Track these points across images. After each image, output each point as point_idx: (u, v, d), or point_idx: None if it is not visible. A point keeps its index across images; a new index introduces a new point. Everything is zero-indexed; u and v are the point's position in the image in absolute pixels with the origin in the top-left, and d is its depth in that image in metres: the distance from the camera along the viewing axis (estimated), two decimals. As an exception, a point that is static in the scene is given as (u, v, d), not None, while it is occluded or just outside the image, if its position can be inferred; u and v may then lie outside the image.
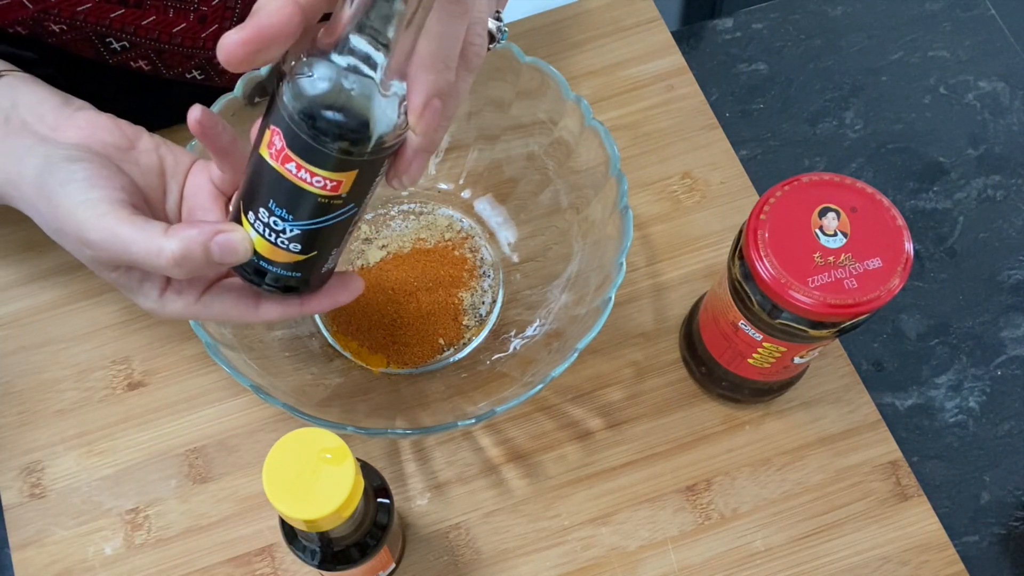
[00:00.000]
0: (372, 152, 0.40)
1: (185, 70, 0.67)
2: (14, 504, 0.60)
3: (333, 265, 0.47)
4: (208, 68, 0.68)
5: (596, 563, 0.58)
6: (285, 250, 0.43)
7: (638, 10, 0.74)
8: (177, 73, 0.67)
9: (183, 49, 0.65)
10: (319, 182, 0.40)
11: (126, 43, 0.63)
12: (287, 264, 0.44)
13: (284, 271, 0.44)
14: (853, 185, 0.50)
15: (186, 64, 0.66)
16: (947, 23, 0.77)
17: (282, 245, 0.43)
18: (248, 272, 0.45)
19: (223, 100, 0.57)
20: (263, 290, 0.46)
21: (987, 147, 0.72)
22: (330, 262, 0.46)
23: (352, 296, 0.48)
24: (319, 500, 0.42)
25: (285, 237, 0.43)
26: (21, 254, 0.67)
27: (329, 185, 0.41)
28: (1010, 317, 0.66)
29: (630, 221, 0.55)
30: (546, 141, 0.62)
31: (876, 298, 0.47)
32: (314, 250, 0.44)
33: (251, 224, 0.43)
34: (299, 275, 0.45)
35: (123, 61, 0.65)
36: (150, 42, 0.63)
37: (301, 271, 0.45)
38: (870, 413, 0.62)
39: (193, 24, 0.64)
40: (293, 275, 0.45)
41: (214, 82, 0.69)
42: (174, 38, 0.64)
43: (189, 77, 0.68)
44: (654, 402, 0.62)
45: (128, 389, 0.63)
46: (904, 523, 0.59)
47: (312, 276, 0.46)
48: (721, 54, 0.76)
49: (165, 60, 0.65)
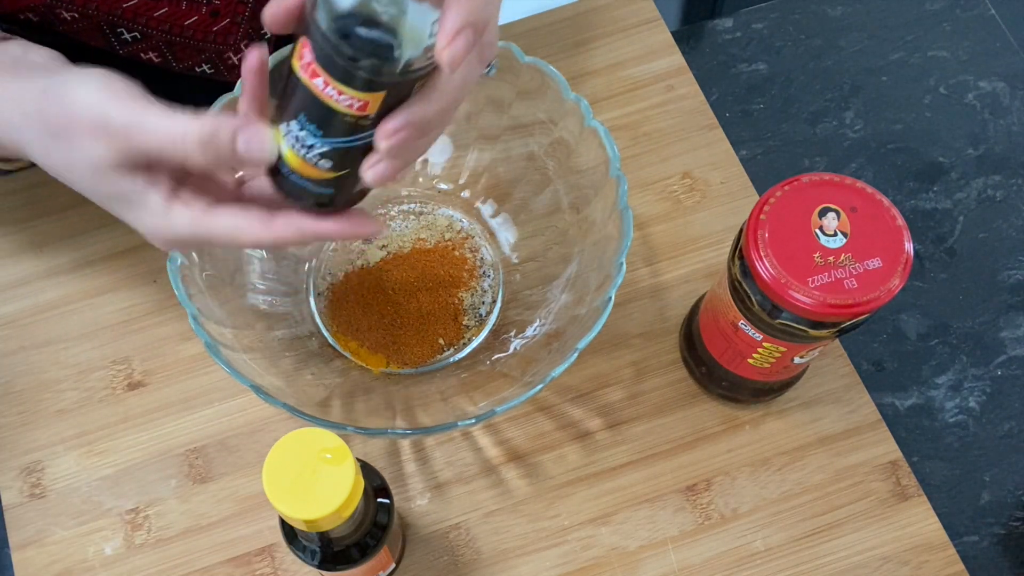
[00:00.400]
0: (401, 74, 0.39)
1: (195, 64, 0.67)
2: (14, 504, 0.60)
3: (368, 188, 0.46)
4: (218, 63, 0.67)
5: (596, 563, 0.58)
6: (315, 166, 0.43)
7: (638, 10, 0.74)
8: (187, 67, 0.67)
9: (194, 43, 0.65)
10: (347, 100, 0.40)
11: (137, 34, 0.63)
12: (318, 180, 0.43)
13: (316, 187, 0.44)
14: (853, 185, 0.50)
15: (196, 58, 0.66)
16: (947, 23, 0.77)
17: (312, 160, 0.42)
18: (283, 186, 0.44)
19: (224, 99, 0.57)
20: (298, 204, 0.45)
21: (987, 147, 0.72)
22: (362, 183, 0.45)
23: (367, 232, 0.46)
24: (319, 500, 0.42)
25: (315, 153, 0.42)
26: (21, 254, 0.67)
27: (356, 105, 0.40)
28: (1010, 317, 0.66)
29: (630, 221, 0.55)
30: (546, 141, 0.62)
31: (876, 298, 0.47)
32: (345, 168, 0.43)
33: (283, 135, 0.42)
34: (331, 192, 0.44)
35: (133, 52, 0.64)
36: (161, 34, 0.63)
37: (333, 188, 0.44)
38: (870, 413, 0.62)
39: (205, 18, 0.63)
40: (325, 192, 0.44)
41: (223, 77, 0.69)
42: (186, 31, 0.64)
43: (199, 71, 0.68)
44: (654, 402, 0.62)
45: (128, 389, 0.63)
46: (904, 523, 0.59)
47: (342, 195, 0.45)
48: (721, 54, 0.76)
49: (176, 53, 0.65)
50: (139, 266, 0.66)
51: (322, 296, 0.64)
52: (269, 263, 0.63)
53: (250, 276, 0.61)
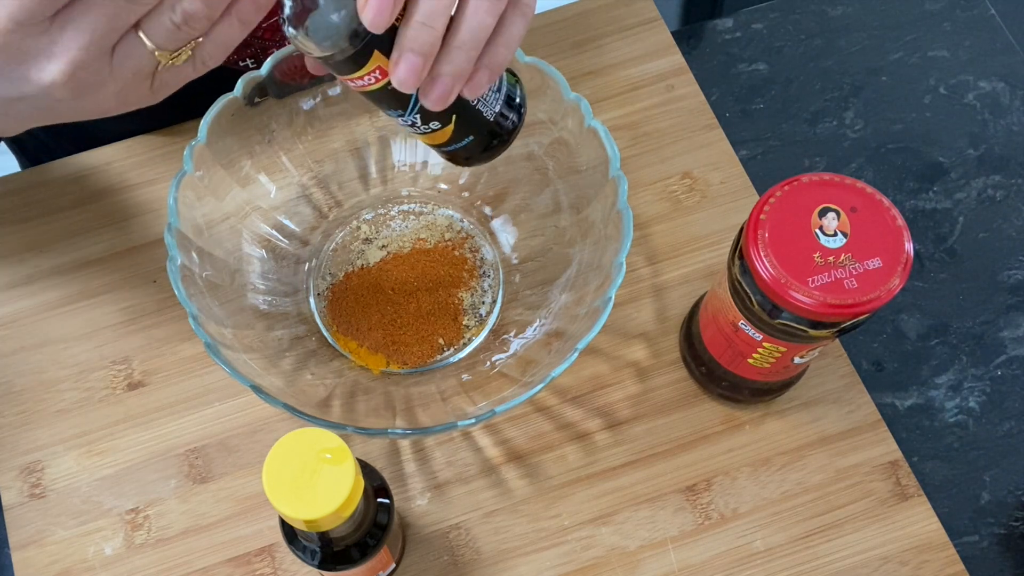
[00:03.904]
0: (362, 39, 0.40)
1: (240, 58, 0.66)
2: (14, 504, 0.60)
3: (492, 105, 0.47)
4: (262, 58, 0.66)
5: (596, 563, 0.58)
6: (432, 132, 0.45)
7: (638, 10, 0.74)
8: (231, 60, 0.66)
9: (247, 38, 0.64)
10: (369, 80, 0.42)
11: None
12: (447, 141, 0.46)
13: (452, 146, 0.47)
14: (853, 185, 0.50)
15: (242, 52, 0.65)
16: (947, 23, 0.77)
17: (426, 131, 0.45)
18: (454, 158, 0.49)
19: (223, 100, 0.57)
20: (480, 160, 0.49)
21: (987, 147, 0.72)
22: (477, 104, 0.46)
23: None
24: (319, 500, 0.42)
25: (419, 127, 0.45)
26: (21, 254, 0.67)
27: (373, 78, 0.42)
28: (1010, 317, 0.66)
29: (630, 221, 0.55)
30: (546, 141, 0.62)
31: (876, 298, 0.47)
32: (453, 114, 0.45)
33: (408, 128, 0.46)
34: (468, 140, 0.47)
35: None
36: None
37: (461, 139, 0.47)
38: (870, 413, 0.62)
39: None
40: (465, 141, 0.47)
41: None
42: None
43: (241, 65, 0.67)
44: (654, 402, 0.62)
45: (128, 389, 0.63)
46: (904, 523, 0.59)
47: (478, 128, 0.47)
48: (721, 54, 0.76)
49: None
50: (139, 266, 0.66)
51: (322, 296, 0.64)
52: (269, 263, 0.63)
53: (250, 276, 0.61)
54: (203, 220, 0.58)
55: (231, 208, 0.61)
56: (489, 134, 0.47)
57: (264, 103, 0.60)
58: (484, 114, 0.46)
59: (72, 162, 0.70)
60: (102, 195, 0.69)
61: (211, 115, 0.57)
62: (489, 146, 0.48)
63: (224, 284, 0.58)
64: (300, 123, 0.63)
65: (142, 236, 0.67)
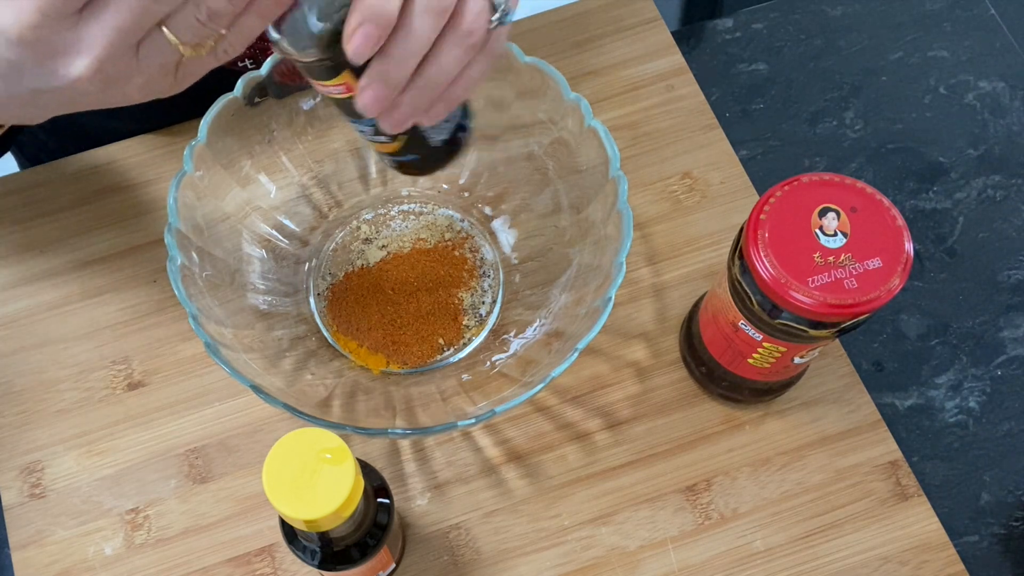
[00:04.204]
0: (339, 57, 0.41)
1: (239, 59, 0.66)
2: (14, 504, 0.60)
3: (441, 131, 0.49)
4: (261, 58, 0.66)
5: (596, 563, 0.58)
6: (381, 143, 0.47)
7: (638, 10, 0.74)
8: (231, 61, 0.66)
9: None
10: (336, 90, 0.43)
11: None
12: (394, 153, 0.48)
13: (398, 158, 0.49)
14: (853, 185, 0.50)
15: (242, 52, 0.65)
16: (947, 23, 0.77)
17: (376, 141, 0.47)
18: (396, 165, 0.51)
19: (223, 100, 0.57)
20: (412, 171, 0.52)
21: (987, 147, 0.72)
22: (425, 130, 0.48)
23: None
24: (319, 500, 0.42)
25: (369, 136, 0.46)
26: (21, 254, 0.67)
27: (340, 90, 0.43)
28: (1010, 317, 0.66)
29: (630, 221, 0.55)
30: (546, 141, 0.62)
31: (876, 298, 0.47)
32: (405, 134, 0.46)
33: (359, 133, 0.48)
34: (415, 156, 0.49)
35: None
36: None
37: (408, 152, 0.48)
38: (870, 413, 0.62)
39: None
40: (410, 157, 0.49)
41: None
42: None
43: (240, 65, 0.67)
44: (654, 402, 0.62)
45: (128, 389, 0.63)
46: (904, 523, 0.59)
47: (423, 149, 0.48)
48: (721, 54, 0.76)
49: None
50: (139, 266, 0.66)
51: (322, 296, 0.64)
52: (269, 263, 0.63)
53: (250, 276, 0.61)
54: (203, 220, 0.58)
55: (231, 208, 0.61)
56: (433, 153, 0.49)
57: (264, 103, 0.60)
58: (431, 138, 0.48)
59: (72, 162, 0.70)
60: (102, 195, 0.69)
61: (211, 115, 0.57)
62: (432, 163, 0.51)
63: (224, 284, 0.58)
64: (300, 123, 0.63)
65: (142, 236, 0.67)
